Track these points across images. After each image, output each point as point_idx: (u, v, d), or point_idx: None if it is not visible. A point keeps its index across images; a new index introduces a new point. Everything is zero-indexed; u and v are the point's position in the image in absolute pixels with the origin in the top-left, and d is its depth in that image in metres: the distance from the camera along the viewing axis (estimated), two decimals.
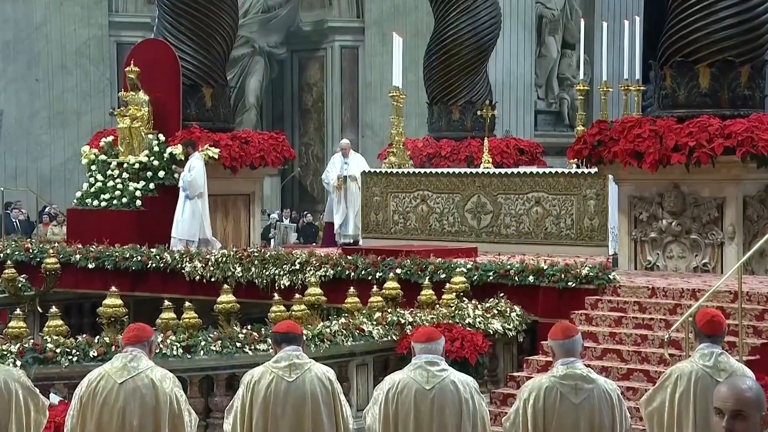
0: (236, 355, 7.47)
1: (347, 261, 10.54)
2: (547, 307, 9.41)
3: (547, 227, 12.11)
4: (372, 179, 13.49)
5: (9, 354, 6.91)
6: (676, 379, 4.95)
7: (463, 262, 10.19)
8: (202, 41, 13.74)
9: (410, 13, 22.33)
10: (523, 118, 23.33)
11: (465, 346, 8.17)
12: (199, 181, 12.45)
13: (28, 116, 21.82)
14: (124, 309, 7.71)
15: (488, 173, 12.76)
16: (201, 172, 12.47)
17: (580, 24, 15.89)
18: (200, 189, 12.46)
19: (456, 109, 15.26)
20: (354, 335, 8.07)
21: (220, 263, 11.06)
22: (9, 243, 12.90)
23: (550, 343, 4.94)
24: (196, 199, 12.42)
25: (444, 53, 15.09)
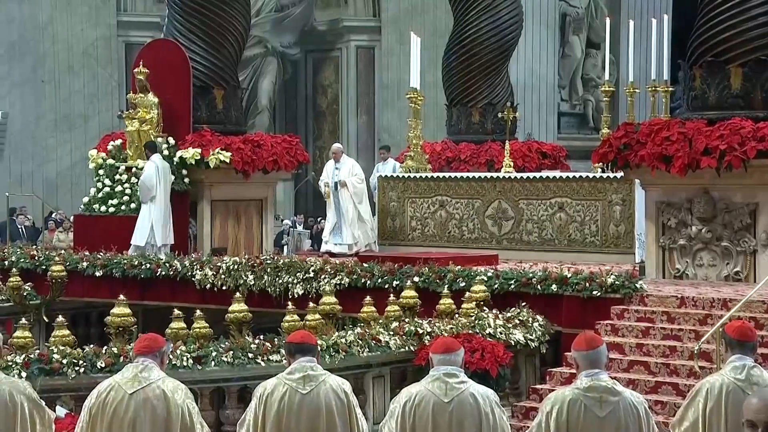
0: (248, 366, 7.49)
1: (363, 269, 10.56)
2: (570, 317, 9.39)
3: (570, 234, 12.09)
4: (389, 184, 13.51)
5: (14, 365, 6.96)
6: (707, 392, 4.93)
7: (484, 270, 10.18)
8: (213, 41, 13.81)
9: (428, 11, 22.36)
10: (545, 121, 23.30)
11: (485, 357, 8.16)
12: (147, 184, 12.48)
13: (34, 119, 21.97)
14: (133, 318, 7.75)
15: (509, 178, 12.75)
16: (150, 175, 12.48)
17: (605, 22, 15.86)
18: (151, 193, 12.46)
19: (476, 112, 15.27)
20: (370, 346, 8.08)
21: (231, 271, 11.11)
22: (14, 250, 13.00)
23: (573, 354, 4.93)
24: (149, 203, 12.47)
25: (464, 53, 15.10)
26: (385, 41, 23.10)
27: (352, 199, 13.25)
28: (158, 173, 12.43)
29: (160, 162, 12.57)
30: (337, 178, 13.40)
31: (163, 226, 12.43)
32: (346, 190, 13.31)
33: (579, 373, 4.86)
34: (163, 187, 12.47)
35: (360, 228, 13.33)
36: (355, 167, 13.56)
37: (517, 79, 19.94)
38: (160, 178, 12.44)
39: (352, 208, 13.24)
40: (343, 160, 13.58)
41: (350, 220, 13.26)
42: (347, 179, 13.34)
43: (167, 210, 12.52)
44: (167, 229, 12.49)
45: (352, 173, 13.44)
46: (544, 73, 23.30)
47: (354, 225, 13.27)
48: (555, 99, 23.81)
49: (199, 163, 13.11)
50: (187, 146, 13.20)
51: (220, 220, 13.62)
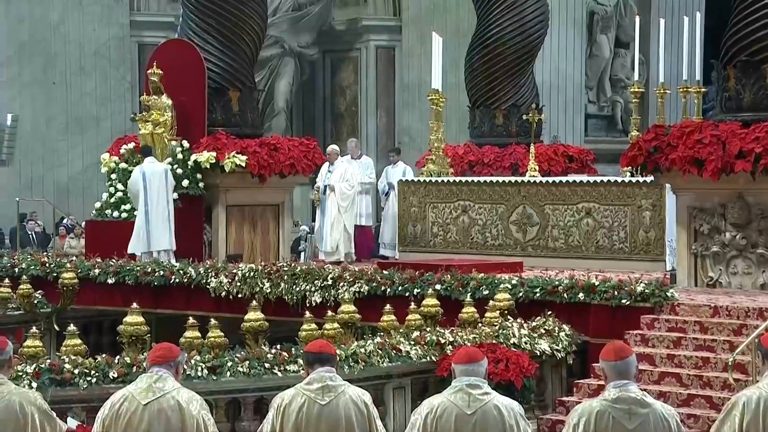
0: (265, 376, 7.51)
1: (383, 276, 10.57)
2: (598, 326, 9.37)
3: (598, 240, 12.06)
4: (409, 188, 13.53)
5: (24, 375, 7.00)
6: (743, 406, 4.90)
7: (508, 277, 10.17)
8: (228, 41, 13.88)
9: (451, 10, 22.36)
10: (572, 123, 23.23)
11: (510, 368, 8.15)
12: (132, 190, 12.54)
13: (45, 122, 22.12)
14: (146, 327, 7.79)
15: (534, 182, 12.74)
16: (134, 181, 12.55)
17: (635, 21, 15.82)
18: (138, 199, 12.54)
19: (500, 114, 15.26)
20: (390, 356, 8.09)
21: (247, 278, 11.15)
22: (24, 257, 13.11)
23: (601, 364, 4.92)
24: (140, 210, 12.56)
25: (487, 53, 15.10)
26: (405, 41, 23.11)
27: (337, 205, 13.08)
28: (144, 179, 12.50)
29: (150, 167, 12.62)
30: (328, 181, 13.29)
31: (161, 231, 12.48)
32: (333, 195, 13.21)
33: (607, 385, 4.85)
34: (156, 191, 12.50)
35: (343, 236, 13.10)
36: (347, 172, 13.34)
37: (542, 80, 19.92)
38: (148, 183, 12.48)
39: (335, 214, 13.08)
40: (337, 163, 13.45)
41: (331, 225, 13.08)
42: (336, 184, 13.19)
43: (165, 215, 12.55)
44: (168, 234, 12.54)
45: (343, 178, 13.24)
46: (571, 74, 23.24)
47: (335, 232, 13.06)
48: (582, 100, 23.73)
49: (214, 167, 13.18)
50: (202, 149, 13.27)
51: (236, 226, 13.67)
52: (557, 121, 22.50)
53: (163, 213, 12.53)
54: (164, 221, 12.53)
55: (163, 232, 12.49)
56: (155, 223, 12.46)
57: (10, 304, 10.96)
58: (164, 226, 12.50)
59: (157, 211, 12.48)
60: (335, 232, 13.13)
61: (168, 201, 12.66)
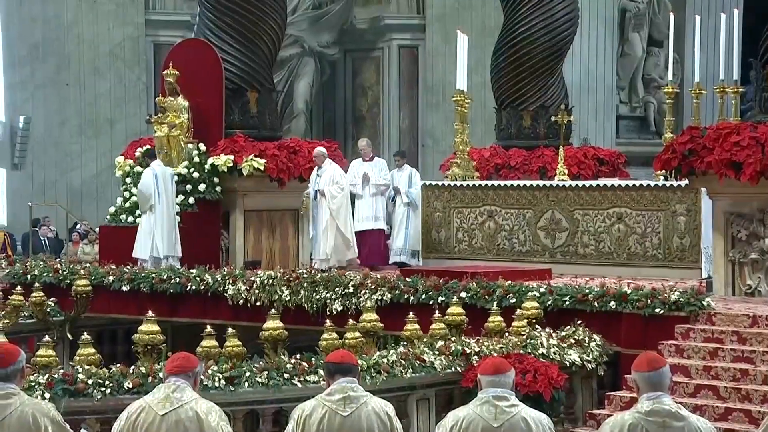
0: (284, 387, 7.53)
1: (406, 284, 10.58)
2: (631, 336, 9.33)
3: (630, 247, 12.01)
4: (433, 193, 13.53)
5: (37, 385, 7.04)
6: None
7: (536, 285, 10.15)
8: (247, 41, 13.94)
9: (476, 8, 22.37)
10: (603, 125, 23.17)
11: (538, 379, 8.13)
12: (145, 192, 12.59)
13: (58, 124, 22.28)
14: (162, 336, 7.82)
15: (564, 186, 12.70)
16: (147, 184, 12.59)
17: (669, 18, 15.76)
18: (149, 202, 12.56)
19: (527, 115, 15.23)
20: (414, 366, 8.09)
21: (266, 286, 11.18)
22: (37, 263, 13.18)
23: (633, 375, 4.90)
24: (148, 213, 12.59)
25: (514, 52, 15.08)
26: (429, 40, 23.13)
27: (328, 210, 12.83)
28: (156, 181, 12.57)
29: (160, 169, 12.70)
30: (318, 186, 13.00)
31: (167, 236, 12.55)
32: (324, 200, 12.90)
33: (640, 397, 4.83)
34: (164, 195, 12.57)
35: (336, 242, 12.82)
36: (336, 174, 13.01)
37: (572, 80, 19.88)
38: (159, 185, 12.56)
39: (326, 220, 12.83)
40: (325, 166, 13.07)
41: (322, 232, 12.85)
42: (326, 188, 12.93)
43: (171, 219, 12.63)
44: (172, 239, 12.60)
45: (332, 181, 12.94)
46: (602, 74, 23.19)
47: (328, 238, 12.80)
48: (613, 101, 23.67)
49: (231, 170, 13.23)
50: (219, 153, 13.33)
51: (254, 232, 13.72)
52: (587, 123, 22.44)
53: (171, 218, 12.63)
54: (172, 226, 12.64)
55: (172, 236, 12.58)
56: (165, 226, 12.55)
57: (22, 312, 11.03)
58: (172, 231, 12.60)
59: (168, 215, 12.57)
60: (329, 238, 12.84)
61: (174, 205, 12.76)
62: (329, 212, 12.86)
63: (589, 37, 22.62)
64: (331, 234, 12.87)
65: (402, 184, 13.98)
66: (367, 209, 13.78)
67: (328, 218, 12.86)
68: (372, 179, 13.74)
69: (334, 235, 12.88)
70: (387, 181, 13.90)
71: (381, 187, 13.91)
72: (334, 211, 12.89)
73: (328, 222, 12.86)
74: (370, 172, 13.76)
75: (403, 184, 13.97)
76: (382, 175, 13.89)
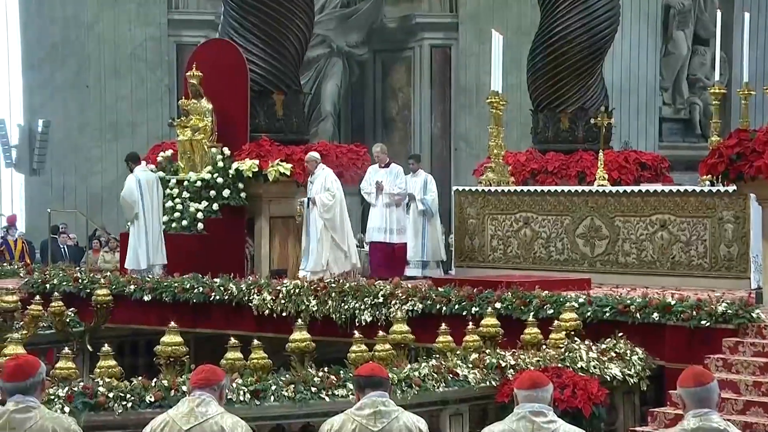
0: (311, 401, 7.55)
1: (438, 294, 10.58)
2: (675, 349, 9.27)
3: (674, 255, 11.94)
4: (467, 199, 13.51)
5: (56, 399, 7.09)
6: None
7: (574, 295, 10.12)
8: (273, 41, 14.01)
9: (511, 5, 22.35)
10: (645, 127, 23.05)
11: (577, 394, 8.11)
12: (128, 200, 12.65)
13: (77, 128, 22.46)
14: (185, 348, 7.87)
15: (603, 192, 12.65)
16: (130, 190, 12.65)
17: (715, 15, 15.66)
18: (134, 210, 12.64)
19: (565, 118, 15.20)
20: (447, 380, 8.09)
21: (292, 295, 11.22)
22: (56, 272, 13.30)
23: (679, 391, 4.87)
24: (134, 222, 12.65)
25: (552, 52, 15.06)
26: (462, 39, 23.13)
27: (321, 220, 12.70)
28: (140, 187, 12.66)
29: (144, 174, 12.78)
30: (310, 193, 12.90)
31: (152, 244, 12.64)
32: (316, 209, 12.79)
33: (686, 414, 4.80)
34: (149, 201, 12.64)
35: (332, 252, 12.68)
36: (328, 180, 12.85)
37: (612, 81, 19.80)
38: (143, 192, 12.63)
39: (319, 229, 12.71)
40: (317, 172, 12.93)
41: (316, 241, 12.72)
42: (317, 195, 12.81)
43: (157, 226, 12.69)
44: (158, 246, 12.68)
45: (324, 188, 12.82)
46: (644, 74, 23.07)
47: (322, 247, 12.67)
48: (656, 103, 23.55)
49: (256, 175, 13.30)
50: (244, 157, 13.40)
51: (280, 239, 13.76)
52: (628, 126, 22.34)
53: (157, 225, 12.72)
54: (159, 233, 12.73)
55: (158, 244, 12.68)
56: (152, 235, 12.66)
57: (41, 322, 11.12)
58: (159, 239, 12.70)
59: (153, 223, 12.67)
60: (325, 249, 12.70)
61: (159, 212, 12.85)
62: (322, 222, 12.72)
63: (631, 35, 22.51)
64: (326, 245, 12.72)
65: (416, 190, 13.54)
66: (379, 219, 13.35)
67: (322, 228, 12.73)
68: (386, 188, 13.34)
69: (330, 246, 12.73)
70: (402, 190, 13.41)
71: (395, 197, 13.35)
72: (328, 221, 12.74)
73: (322, 232, 12.73)
74: (385, 180, 13.37)
75: (417, 191, 13.53)
76: (397, 183, 13.40)
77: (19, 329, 10.48)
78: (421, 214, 13.53)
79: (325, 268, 12.68)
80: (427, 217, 13.56)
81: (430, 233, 13.55)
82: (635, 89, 22.87)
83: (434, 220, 13.61)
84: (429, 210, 13.54)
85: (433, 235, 13.58)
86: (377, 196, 13.40)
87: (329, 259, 12.75)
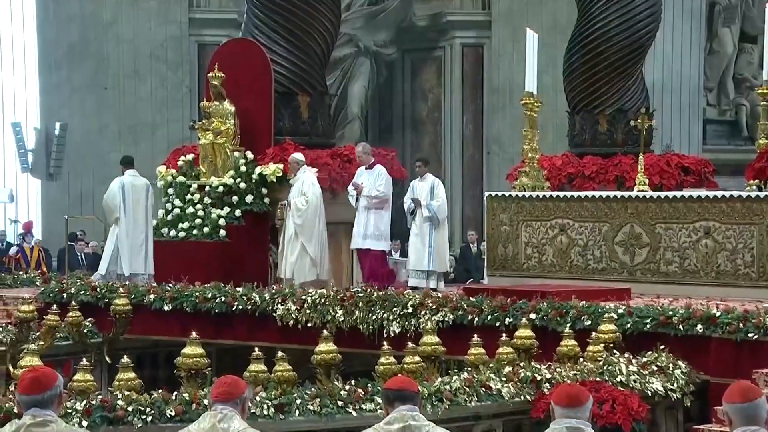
0: (338, 416, 7.55)
1: (470, 304, 10.57)
2: (721, 363, 9.22)
3: (719, 264, 11.86)
4: (500, 205, 13.49)
5: (74, 412, 7.13)
6: None
7: (613, 306, 10.08)
8: (298, 40, 14.07)
9: (547, 2, 22.31)
10: (688, 130, 22.94)
11: (616, 409, 8.07)
12: (110, 204, 12.71)
13: (96, 131, 22.63)
14: (206, 360, 7.89)
15: (644, 197, 12.60)
16: (111, 194, 12.74)
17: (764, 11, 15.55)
18: (114, 214, 12.68)
19: (603, 119, 15.16)
20: (479, 394, 8.08)
21: (318, 305, 11.24)
22: (74, 281, 13.38)
23: (725, 407, 4.84)
24: (114, 226, 12.70)
25: (589, 51, 15.03)
26: (495, 38, 23.12)
27: (293, 223, 12.71)
28: (123, 192, 12.72)
29: (130, 179, 12.85)
30: (290, 196, 12.95)
31: (134, 252, 12.69)
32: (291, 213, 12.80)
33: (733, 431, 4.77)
34: (131, 207, 12.68)
35: (298, 259, 12.68)
36: (305, 184, 12.85)
37: (653, 81, 19.71)
38: (126, 197, 12.67)
39: (290, 234, 12.74)
40: (298, 175, 12.96)
41: (285, 247, 12.75)
42: (293, 199, 12.85)
43: (139, 233, 12.76)
44: (142, 255, 12.73)
45: (300, 191, 12.85)
46: (687, 73, 22.96)
47: (291, 255, 12.69)
48: (700, 104, 23.42)
49: (280, 180, 13.34)
50: (268, 161, 13.45)
51: None
52: (670, 128, 22.24)
53: (141, 234, 12.76)
54: (141, 243, 12.78)
55: (139, 254, 12.73)
56: (131, 243, 12.72)
57: (58, 333, 11.20)
58: (141, 248, 12.75)
59: (134, 231, 12.72)
60: (293, 255, 12.70)
61: (147, 220, 12.90)
62: (294, 227, 12.75)
63: (673, 32, 22.41)
64: (294, 251, 12.73)
65: (423, 195, 13.16)
66: (359, 225, 13.14)
67: (292, 233, 12.76)
68: (365, 190, 13.07)
69: (298, 252, 12.73)
70: (380, 193, 13.04)
71: (373, 200, 13.00)
72: (299, 227, 12.75)
73: (292, 237, 12.76)
74: (366, 182, 13.11)
75: (424, 196, 13.14)
76: (376, 186, 13.07)
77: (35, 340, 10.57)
78: (428, 221, 13.09)
79: (287, 275, 12.74)
80: (434, 223, 13.07)
81: (437, 242, 13.11)
82: (678, 89, 22.75)
83: (441, 228, 13.18)
84: (435, 217, 13.04)
85: (439, 243, 13.14)
86: (357, 198, 13.16)
87: (294, 267, 12.76)
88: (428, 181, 13.31)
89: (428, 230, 13.07)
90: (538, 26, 16.64)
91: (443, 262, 13.38)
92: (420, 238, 13.11)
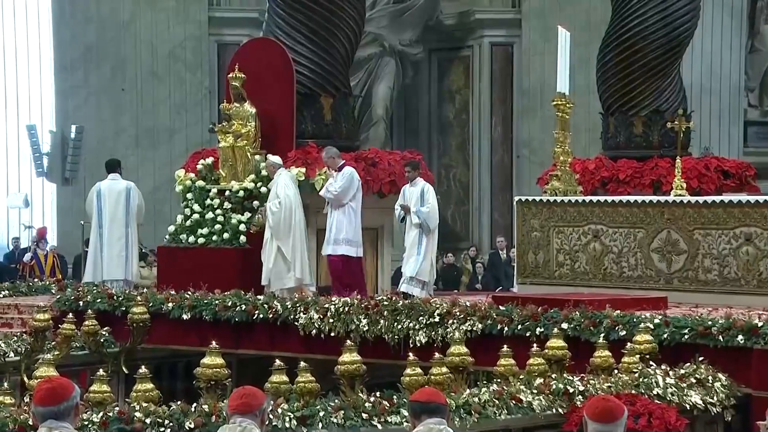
0: (362, 429, 7.57)
1: (499, 313, 10.56)
2: (763, 376, 9.18)
3: (761, 272, 11.80)
4: (530, 210, 13.47)
5: (90, 424, 7.16)
6: None
7: (649, 315, 10.05)
8: (321, 40, 14.10)
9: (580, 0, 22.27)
10: (728, 132, 22.82)
11: (653, 423, 8.05)
12: (87, 211, 12.79)
13: (113, 134, 22.73)
14: (226, 370, 7.91)
15: (681, 202, 12.56)
16: (89, 201, 12.85)
17: None
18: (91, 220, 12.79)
19: (639, 121, 15.12)
20: (509, 407, 8.07)
21: (341, 314, 11.25)
22: (90, 289, 13.44)
23: None
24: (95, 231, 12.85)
25: (624, 50, 14.99)
26: (526, 37, 23.09)
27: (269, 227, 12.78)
28: (99, 197, 12.78)
29: (108, 184, 12.96)
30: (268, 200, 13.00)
31: (114, 259, 12.74)
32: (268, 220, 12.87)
33: None
34: (111, 213, 12.74)
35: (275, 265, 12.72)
36: (279, 186, 12.86)
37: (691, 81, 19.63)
38: (102, 203, 12.72)
39: (267, 239, 12.81)
40: (275, 178, 12.99)
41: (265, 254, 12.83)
42: (268, 203, 12.89)
43: (123, 241, 12.82)
44: (121, 261, 12.80)
45: (276, 195, 12.87)
46: (727, 73, 22.85)
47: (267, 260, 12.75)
48: (740, 105, 23.30)
49: (303, 184, 13.36)
50: (290, 165, 13.47)
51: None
52: (709, 130, 22.14)
53: (120, 238, 12.82)
54: (121, 248, 12.85)
55: (118, 259, 12.79)
56: (108, 248, 12.79)
57: (73, 342, 11.27)
58: (120, 254, 12.81)
59: (111, 236, 12.78)
60: (268, 261, 12.76)
61: (128, 225, 12.97)
62: (269, 231, 12.81)
63: (713, 30, 22.31)
64: (270, 256, 12.79)
65: (412, 201, 13.17)
66: (327, 229, 13.09)
67: (268, 237, 12.83)
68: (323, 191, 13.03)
69: (273, 257, 12.78)
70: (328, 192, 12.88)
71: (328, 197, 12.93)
72: (273, 230, 12.81)
73: (268, 241, 12.84)
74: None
75: (413, 202, 13.16)
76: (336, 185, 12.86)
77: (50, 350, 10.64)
78: (418, 227, 13.10)
79: (265, 281, 12.79)
80: (424, 230, 13.08)
81: (425, 249, 13.11)
82: (717, 90, 22.64)
83: (432, 235, 13.14)
84: (425, 223, 13.04)
85: (427, 252, 13.13)
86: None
87: (271, 275, 12.80)
88: (418, 187, 13.32)
89: (418, 237, 13.16)
90: (571, 24, 16.60)
91: (426, 271, 13.23)
92: (410, 245, 13.20)
